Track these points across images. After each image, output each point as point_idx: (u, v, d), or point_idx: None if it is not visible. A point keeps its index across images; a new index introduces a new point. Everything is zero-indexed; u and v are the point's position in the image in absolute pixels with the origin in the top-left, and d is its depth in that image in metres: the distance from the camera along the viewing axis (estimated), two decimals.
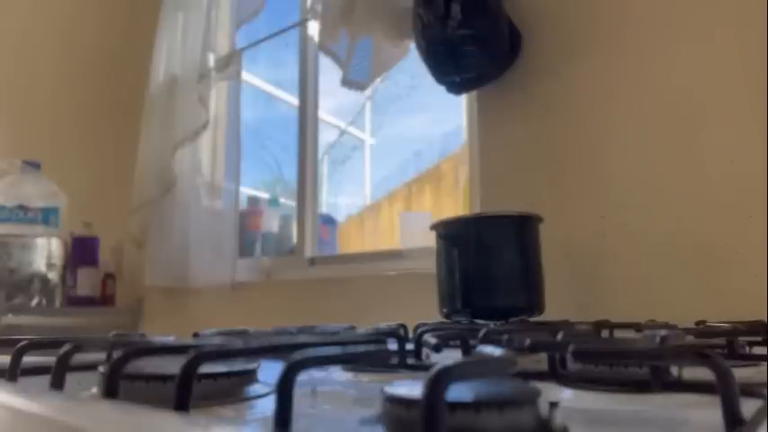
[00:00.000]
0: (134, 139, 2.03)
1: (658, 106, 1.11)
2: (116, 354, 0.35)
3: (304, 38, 1.88)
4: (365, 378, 0.51)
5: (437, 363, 0.23)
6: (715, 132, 1.05)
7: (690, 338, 0.57)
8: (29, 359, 0.45)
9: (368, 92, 1.76)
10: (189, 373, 0.30)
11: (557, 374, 0.46)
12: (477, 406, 0.25)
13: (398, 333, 0.60)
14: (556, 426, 0.27)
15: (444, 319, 1.01)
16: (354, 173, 2.15)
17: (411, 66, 1.40)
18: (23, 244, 1.85)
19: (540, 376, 0.46)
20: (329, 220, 1.96)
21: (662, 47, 1.12)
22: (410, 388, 0.28)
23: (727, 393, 0.28)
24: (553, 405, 0.28)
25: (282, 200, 2.10)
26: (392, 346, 0.53)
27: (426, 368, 0.49)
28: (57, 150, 2.06)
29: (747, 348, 0.59)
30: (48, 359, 0.42)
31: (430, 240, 1.06)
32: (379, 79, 1.54)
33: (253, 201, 2.08)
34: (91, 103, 2.23)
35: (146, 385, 0.37)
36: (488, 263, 0.97)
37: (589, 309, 1.03)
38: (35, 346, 0.46)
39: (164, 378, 0.37)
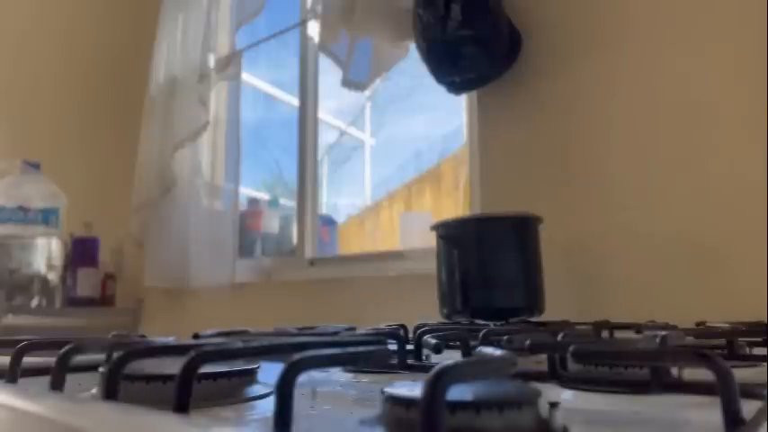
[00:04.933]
0: (134, 140, 2.03)
1: (658, 106, 1.11)
2: (116, 354, 0.35)
3: (304, 38, 1.88)
4: (365, 378, 0.51)
5: (437, 363, 0.23)
6: (714, 133, 1.05)
7: (690, 339, 0.57)
8: (29, 359, 0.45)
9: (368, 92, 1.76)
10: (189, 374, 0.30)
11: (557, 375, 0.46)
12: (477, 406, 0.25)
13: (398, 334, 0.60)
14: (556, 426, 0.27)
15: (444, 320, 1.01)
16: (354, 173, 2.15)
17: (411, 66, 1.40)
18: (23, 245, 1.85)
19: (541, 377, 0.45)
20: (329, 221, 1.96)
21: (662, 47, 1.12)
22: (410, 388, 0.28)
23: (728, 394, 0.28)
24: (553, 406, 0.28)
25: (282, 200, 2.10)
26: (392, 346, 0.53)
27: (426, 369, 0.49)
28: (57, 150, 2.06)
29: (747, 349, 0.59)
30: (48, 360, 0.42)
31: (430, 241, 1.06)
32: (379, 80, 1.54)
33: (253, 201, 2.08)
34: (91, 103, 2.23)
35: (146, 386, 0.37)
36: (488, 263, 0.97)
37: (589, 309, 1.03)
38: (35, 347, 0.46)
39: (164, 378, 0.37)
